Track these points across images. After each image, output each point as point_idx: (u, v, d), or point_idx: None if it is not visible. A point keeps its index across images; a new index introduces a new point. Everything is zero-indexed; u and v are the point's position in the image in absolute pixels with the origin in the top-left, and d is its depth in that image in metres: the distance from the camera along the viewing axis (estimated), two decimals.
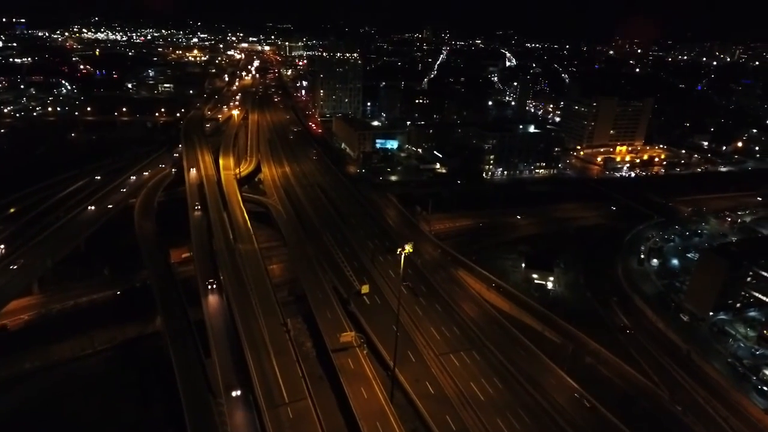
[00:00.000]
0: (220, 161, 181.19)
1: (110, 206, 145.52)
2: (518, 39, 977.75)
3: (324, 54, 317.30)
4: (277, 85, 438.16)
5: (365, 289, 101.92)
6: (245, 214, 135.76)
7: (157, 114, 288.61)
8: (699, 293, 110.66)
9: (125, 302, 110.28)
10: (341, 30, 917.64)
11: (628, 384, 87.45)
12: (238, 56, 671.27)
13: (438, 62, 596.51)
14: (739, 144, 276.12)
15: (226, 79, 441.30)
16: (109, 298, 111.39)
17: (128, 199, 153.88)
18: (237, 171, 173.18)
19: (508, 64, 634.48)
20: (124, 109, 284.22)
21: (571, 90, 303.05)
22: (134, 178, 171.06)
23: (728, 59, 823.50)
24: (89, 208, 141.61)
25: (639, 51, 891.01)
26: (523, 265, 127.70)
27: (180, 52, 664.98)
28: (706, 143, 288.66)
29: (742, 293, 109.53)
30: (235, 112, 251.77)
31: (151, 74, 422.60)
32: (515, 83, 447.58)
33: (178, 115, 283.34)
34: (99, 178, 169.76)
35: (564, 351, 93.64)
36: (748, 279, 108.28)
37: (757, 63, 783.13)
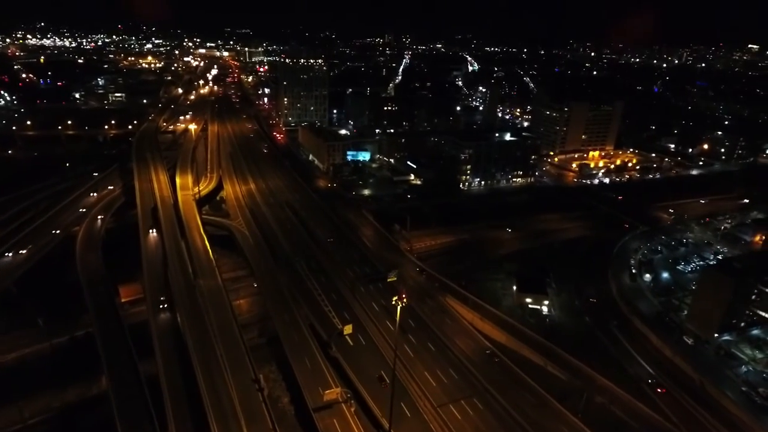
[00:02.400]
0: (177, 179, 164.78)
1: (47, 238, 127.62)
2: (477, 43, 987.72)
3: (286, 60, 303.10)
4: (238, 92, 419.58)
5: (348, 329, 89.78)
6: (206, 242, 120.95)
7: (107, 126, 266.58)
8: (702, 314, 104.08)
9: (64, 357, 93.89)
10: (302, 35, 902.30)
11: (646, 426, 78.64)
12: (195, 63, 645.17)
13: (402, 67, 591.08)
14: (705, 146, 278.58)
15: (183, 88, 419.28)
16: (44, 352, 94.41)
17: (70, 227, 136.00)
18: (196, 190, 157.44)
19: (471, 68, 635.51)
20: (69, 122, 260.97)
21: (540, 95, 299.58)
22: (79, 201, 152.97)
23: (676, 62, 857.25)
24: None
25: (593, 54, 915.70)
26: (515, 287, 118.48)
27: (133, 58, 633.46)
28: (672, 146, 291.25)
29: (747, 312, 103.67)
30: (192, 126, 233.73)
31: (100, 83, 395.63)
32: (480, 87, 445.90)
33: (130, 127, 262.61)
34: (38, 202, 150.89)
35: (572, 390, 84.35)
36: (753, 297, 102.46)
37: (703, 65, 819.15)
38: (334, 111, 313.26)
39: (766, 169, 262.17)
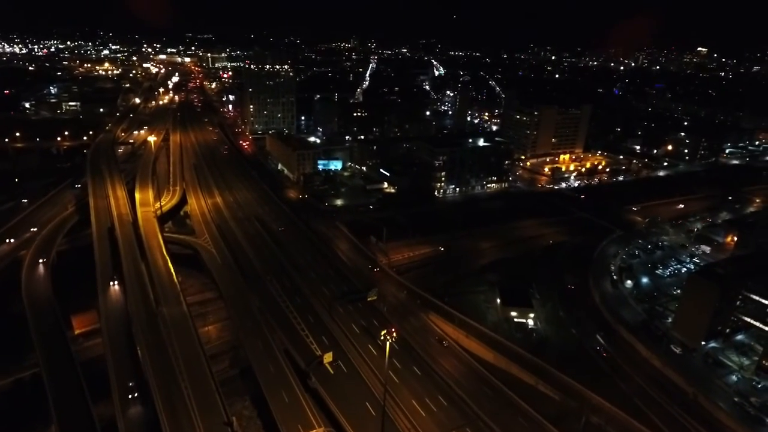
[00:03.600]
0: (137, 195, 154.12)
1: None
2: (441, 47, 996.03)
3: (251, 65, 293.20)
4: (201, 99, 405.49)
5: (328, 357, 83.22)
6: (169, 264, 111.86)
7: (59, 138, 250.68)
8: (688, 321, 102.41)
9: (7, 404, 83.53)
10: (266, 40, 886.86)
11: None
12: (155, 69, 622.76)
13: (369, 72, 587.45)
14: (669, 147, 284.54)
15: (142, 95, 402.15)
16: None
17: (16, 251, 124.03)
18: (157, 206, 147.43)
19: (437, 72, 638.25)
20: (18, 134, 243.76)
21: (510, 99, 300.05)
22: (27, 221, 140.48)
23: (633, 64, 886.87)
24: None
25: (553, 58, 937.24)
26: (498, 300, 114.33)
27: (89, 65, 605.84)
28: (638, 147, 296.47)
29: (731, 318, 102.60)
30: (152, 138, 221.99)
31: (53, 91, 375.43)
32: (448, 91, 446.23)
33: (85, 138, 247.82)
34: None
35: (567, 411, 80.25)
36: (737, 303, 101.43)
37: (657, 67, 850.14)
38: (302, 118, 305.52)
39: (728, 169, 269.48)
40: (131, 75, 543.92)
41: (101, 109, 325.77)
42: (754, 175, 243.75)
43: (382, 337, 59.77)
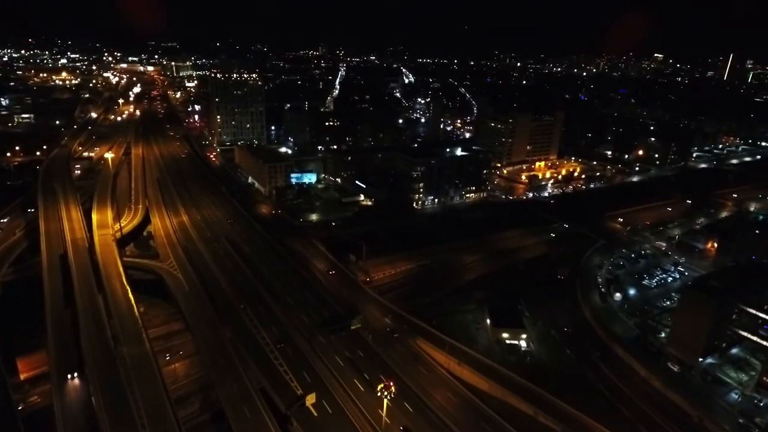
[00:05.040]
0: (94, 215, 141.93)
1: None
2: (409, 55, 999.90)
3: (218, 74, 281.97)
4: (165, 110, 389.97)
5: (311, 399, 75.09)
6: (130, 295, 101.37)
7: (10, 153, 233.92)
8: (684, 337, 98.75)
9: None
10: (232, 48, 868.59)
11: None
12: (116, 78, 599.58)
13: (338, 80, 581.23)
14: (640, 152, 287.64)
15: (103, 106, 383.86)
16: None
17: None
18: (117, 227, 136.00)
19: (407, 80, 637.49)
20: None
21: (483, 106, 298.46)
22: None
23: (594, 70, 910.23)
24: None
25: (518, 64, 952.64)
26: (488, 321, 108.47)
27: (45, 75, 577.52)
28: (609, 152, 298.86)
29: (727, 332, 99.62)
30: (111, 154, 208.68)
31: (4, 103, 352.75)
32: (419, 99, 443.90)
33: (38, 153, 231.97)
34: None
35: None
36: (733, 317, 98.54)
37: (618, 73, 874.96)
38: (272, 128, 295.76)
39: (696, 173, 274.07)
40: (91, 85, 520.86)
41: (57, 122, 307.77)
42: (721, 179, 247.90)
43: (378, 393, 52.48)
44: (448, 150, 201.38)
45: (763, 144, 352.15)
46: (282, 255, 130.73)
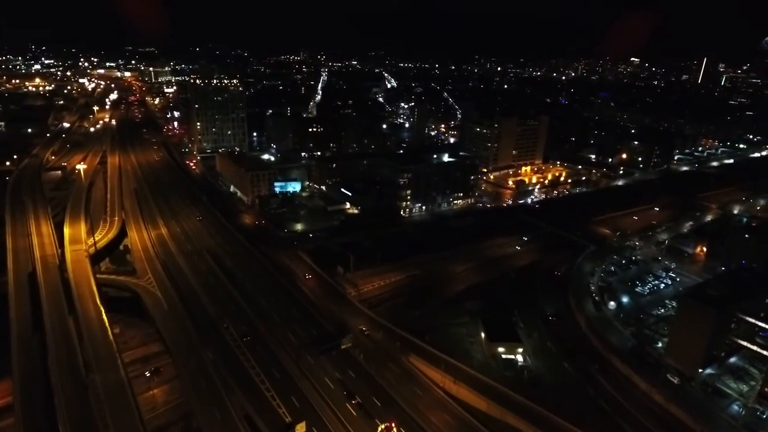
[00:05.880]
0: (66, 230, 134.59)
1: None
2: (391, 60, 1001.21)
3: (197, 80, 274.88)
4: (143, 116, 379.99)
5: (301, 428, 70.17)
6: (104, 317, 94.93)
7: None
8: (683, 347, 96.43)
9: None
10: (212, 53, 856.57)
11: None
12: (92, 84, 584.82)
13: (320, 85, 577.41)
14: (624, 155, 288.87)
15: (78, 113, 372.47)
16: None
17: None
18: (91, 242, 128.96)
19: (389, 85, 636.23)
20: None
21: (468, 111, 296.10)
22: None
23: (573, 74, 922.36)
24: None
25: (499, 69, 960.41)
26: (483, 334, 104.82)
27: (17, 81, 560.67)
28: (593, 156, 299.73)
29: (726, 342, 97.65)
30: (81, 167, 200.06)
31: None
32: (402, 104, 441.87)
33: (8, 163, 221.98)
34: None
35: None
36: (732, 326, 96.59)
37: (595, 77, 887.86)
38: (254, 134, 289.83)
39: (679, 176, 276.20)
40: (66, 91, 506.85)
41: (29, 130, 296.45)
42: (704, 181, 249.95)
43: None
44: (435, 156, 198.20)
45: (742, 146, 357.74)
46: (267, 268, 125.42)
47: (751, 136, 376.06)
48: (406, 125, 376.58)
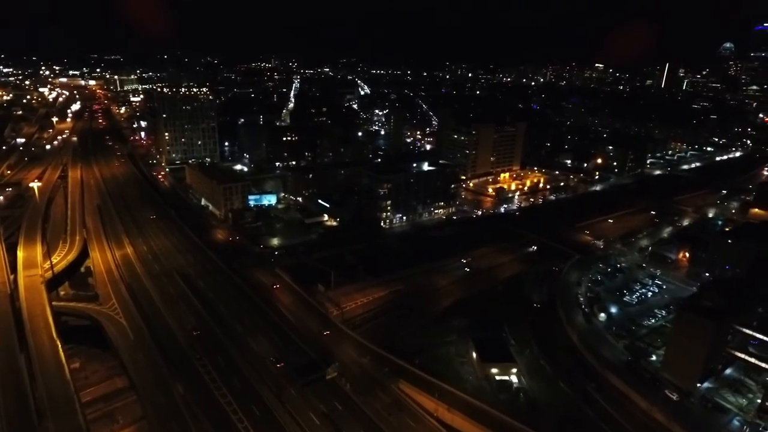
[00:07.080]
0: (19, 253, 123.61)
1: None
2: (363, 67, 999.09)
3: (165, 88, 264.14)
4: (108, 127, 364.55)
5: None
6: (60, 353, 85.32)
7: None
8: (680, 361, 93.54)
9: None
10: (180, 61, 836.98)
11: None
12: (54, 94, 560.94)
13: (293, 92, 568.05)
14: (599, 160, 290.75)
15: (37, 124, 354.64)
16: None
17: None
18: (47, 266, 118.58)
19: (362, 92, 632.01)
20: None
21: (445, 118, 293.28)
22: None
23: (542, 80, 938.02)
24: None
25: (470, 75, 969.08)
26: (474, 354, 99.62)
27: None
28: (569, 161, 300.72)
29: (723, 354, 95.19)
30: (35, 185, 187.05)
31: None
32: (377, 111, 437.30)
33: None
34: None
35: None
36: (729, 337, 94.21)
37: (563, 83, 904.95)
38: (226, 144, 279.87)
39: (653, 180, 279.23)
40: (25, 101, 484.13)
41: None
42: (677, 185, 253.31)
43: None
44: (414, 164, 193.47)
45: (709, 149, 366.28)
46: (242, 290, 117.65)
47: (716, 139, 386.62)
48: (382, 132, 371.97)
